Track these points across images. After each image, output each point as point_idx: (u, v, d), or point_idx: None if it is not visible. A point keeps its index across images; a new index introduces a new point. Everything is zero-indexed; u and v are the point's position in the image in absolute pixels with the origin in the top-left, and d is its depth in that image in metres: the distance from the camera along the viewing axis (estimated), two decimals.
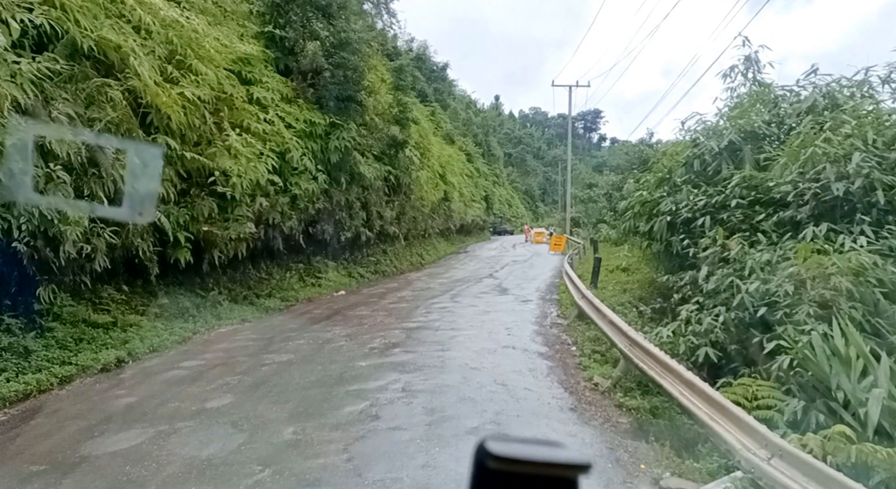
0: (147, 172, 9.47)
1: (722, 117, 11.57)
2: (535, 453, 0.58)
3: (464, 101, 60.82)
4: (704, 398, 5.11)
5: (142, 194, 9.34)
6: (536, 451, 0.59)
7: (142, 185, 9.27)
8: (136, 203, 9.41)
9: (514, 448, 0.58)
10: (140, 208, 9.49)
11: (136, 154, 9.52)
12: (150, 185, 9.41)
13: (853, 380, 4.86)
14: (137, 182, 9.24)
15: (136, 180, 9.23)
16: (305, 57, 16.15)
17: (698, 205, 9.37)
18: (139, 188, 9.28)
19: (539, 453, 0.59)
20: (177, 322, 10.73)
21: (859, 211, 7.24)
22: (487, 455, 0.57)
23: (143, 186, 9.25)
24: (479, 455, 0.58)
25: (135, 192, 9.21)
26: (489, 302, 14.86)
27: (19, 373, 7.31)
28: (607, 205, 27.72)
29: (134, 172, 9.28)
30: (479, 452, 0.58)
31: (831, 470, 3.61)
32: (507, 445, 0.59)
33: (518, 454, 0.58)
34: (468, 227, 43.20)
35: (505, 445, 0.58)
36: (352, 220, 18.77)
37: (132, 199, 9.22)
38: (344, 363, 8.50)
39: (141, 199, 9.39)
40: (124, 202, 9.18)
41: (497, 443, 0.59)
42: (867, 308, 5.85)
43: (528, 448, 0.59)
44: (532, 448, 0.59)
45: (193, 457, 5.17)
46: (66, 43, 9.01)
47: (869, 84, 9.60)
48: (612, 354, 8.47)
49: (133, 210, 9.47)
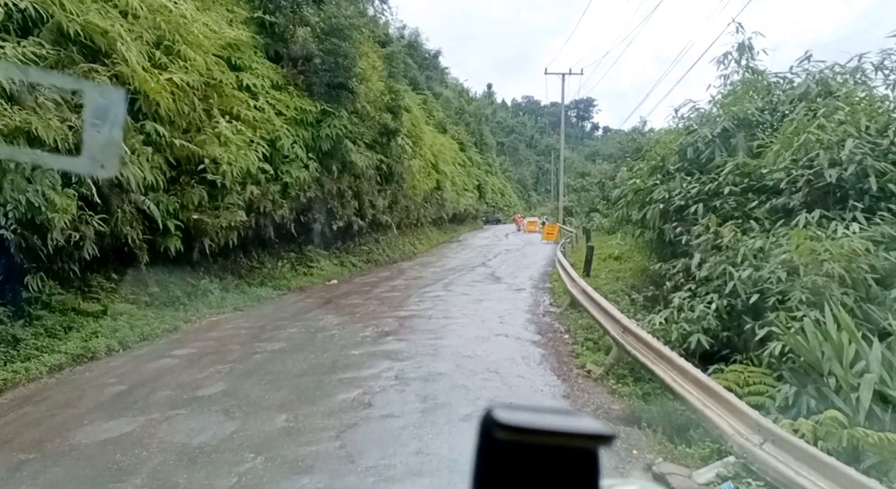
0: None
1: (715, 104, 11.54)
2: (548, 422, 0.53)
3: (456, 89, 60.57)
4: (697, 384, 5.11)
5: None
6: (550, 420, 0.53)
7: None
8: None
9: (524, 416, 0.53)
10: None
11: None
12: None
13: (845, 365, 4.87)
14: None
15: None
16: (296, 43, 15.99)
17: (691, 192, 9.35)
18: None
19: (554, 422, 0.53)
20: (167, 310, 10.67)
21: (852, 197, 7.24)
22: (495, 424, 0.52)
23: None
24: (485, 424, 0.53)
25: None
26: (482, 290, 14.85)
27: (7, 361, 7.25)
28: (600, 194, 27.67)
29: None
30: (486, 422, 0.53)
31: (823, 454, 3.61)
32: (516, 413, 0.53)
33: (530, 423, 0.52)
34: (461, 216, 43.16)
35: (514, 413, 0.53)
36: (344, 208, 18.67)
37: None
38: (336, 351, 8.47)
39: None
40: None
41: (505, 411, 0.53)
42: (859, 294, 5.87)
43: (540, 417, 0.53)
44: (545, 416, 0.54)
45: (185, 444, 5.13)
46: (51, 27, 8.85)
47: (862, 71, 9.58)
48: (604, 342, 8.48)
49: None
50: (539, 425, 0.52)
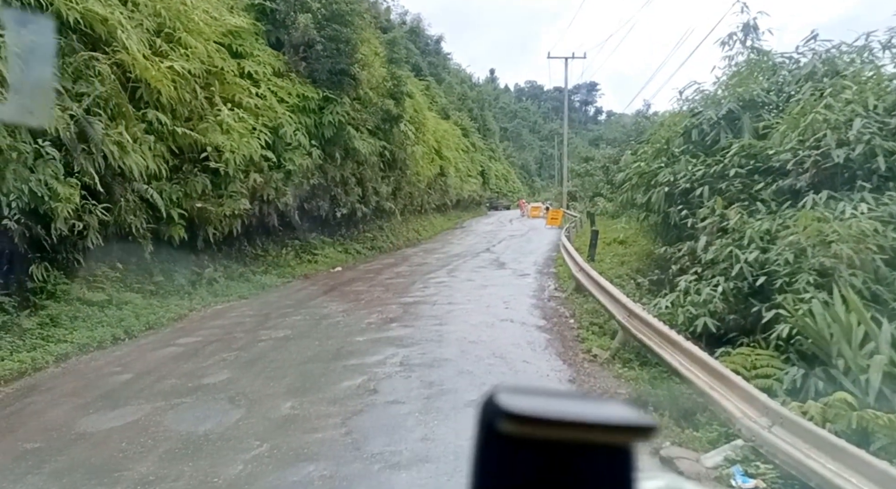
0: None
1: (720, 86, 11.43)
2: (567, 410, 0.41)
3: (459, 75, 60.15)
4: (704, 367, 5.08)
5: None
6: (570, 407, 0.42)
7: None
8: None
9: (536, 403, 0.41)
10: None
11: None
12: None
13: (854, 346, 4.83)
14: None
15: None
16: (297, 29, 15.86)
17: (696, 175, 9.28)
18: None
19: (574, 410, 0.41)
20: (172, 299, 10.67)
21: (860, 178, 7.16)
22: (499, 413, 0.40)
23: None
24: (486, 413, 0.42)
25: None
26: (486, 276, 14.81)
27: (13, 351, 7.25)
28: (604, 178, 27.57)
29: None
30: (488, 410, 0.42)
31: (833, 437, 3.58)
32: (525, 399, 0.41)
33: (543, 412, 0.41)
34: (464, 202, 43.04)
35: (523, 399, 0.41)
36: (347, 195, 18.63)
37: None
38: (341, 338, 8.46)
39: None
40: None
41: (512, 396, 0.42)
42: (868, 275, 5.81)
43: (556, 403, 0.42)
44: (562, 403, 0.42)
45: (190, 432, 5.14)
46: (50, 15, 8.78)
47: (869, 50, 9.44)
48: (610, 326, 8.45)
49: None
50: (555, 414, 0.41)
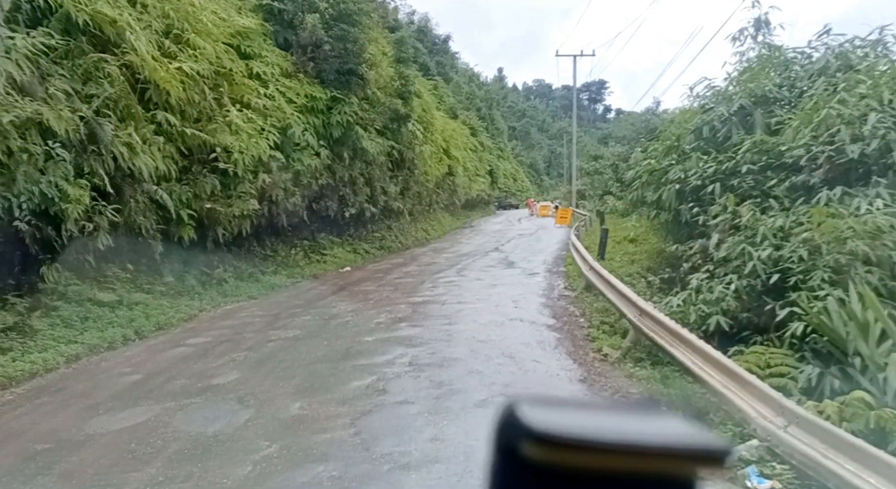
0: None
1: (731, 82, 11.31)
2: (609, 429, 0.31)
3: (466, 74, 60.17)
4: (717, 366, 5.01)
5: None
6: (611, 425, 0.31)
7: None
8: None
9: (567, 419, 0.31)
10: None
11: None
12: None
13: (871, 344, 4.74)
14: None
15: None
16: (305, 30, 15.87)
17: (708, 172, 9.18)
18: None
19: (617, 429, 0.31)
20: (182, 299, 10.69)
21: (875, 173, 7.05)
22: (521, 432, 0.30)
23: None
24: (505, 432, 0.32)
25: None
26: (495, 275, 14.76)
27: (25, 352, 7.28)
28: (613, 176, 27.39)
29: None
30: (506, 427, 0.32)
31: (851, 436, 3.51)
32: (553, 413, 0.31)
33: (580, 433, 0.30)
34: (473, 201, 42.94)
35: (550, 413, 0.31)
36: (356, 195, 18.61)
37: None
38: (350, 338, 8.44)
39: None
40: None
41: (535, 409, 0.31)
42: (884, 272, 5.71)
43: (592, 419, 0.32)
44: (600, 418, 0.32)
45: (200, 433, 5.12)
46: (60, 17, 8.83)
47: (884, 43, 9.33)
48: (620, 325, 8.38)
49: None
50: (594, 437, 0.30)
